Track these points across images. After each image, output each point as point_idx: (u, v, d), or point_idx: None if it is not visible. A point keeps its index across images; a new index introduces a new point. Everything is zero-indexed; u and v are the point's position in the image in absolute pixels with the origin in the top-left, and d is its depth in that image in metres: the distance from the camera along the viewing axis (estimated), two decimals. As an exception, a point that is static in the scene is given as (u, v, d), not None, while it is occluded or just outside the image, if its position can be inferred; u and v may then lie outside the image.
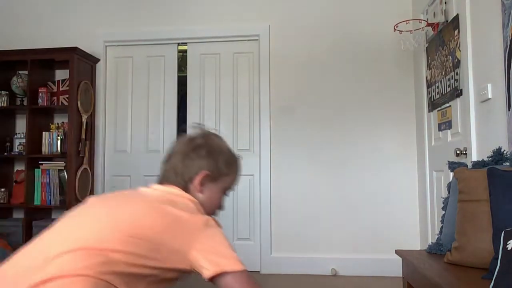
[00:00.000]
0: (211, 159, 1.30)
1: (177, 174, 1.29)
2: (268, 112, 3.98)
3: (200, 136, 1.35)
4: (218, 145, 1.35)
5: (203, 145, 1.32)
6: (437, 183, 3.24)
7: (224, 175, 1.32)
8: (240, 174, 1.41)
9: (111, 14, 4.24)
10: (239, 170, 1.40)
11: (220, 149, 1.35)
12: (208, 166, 1.29)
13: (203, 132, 1.38)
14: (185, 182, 1.28)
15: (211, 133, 1.39)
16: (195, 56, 4.20)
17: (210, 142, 1.34)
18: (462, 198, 1.78)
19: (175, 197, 1.21)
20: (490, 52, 2.36)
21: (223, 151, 1.35)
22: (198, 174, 1.27)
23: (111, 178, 4.18)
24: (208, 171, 1.28)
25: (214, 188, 1.31)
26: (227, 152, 1.36)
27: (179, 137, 1.42)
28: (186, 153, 1.30)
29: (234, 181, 1.38)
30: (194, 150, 1.30)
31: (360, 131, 3.88)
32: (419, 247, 3.64)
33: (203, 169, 1.28)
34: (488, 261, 1.51)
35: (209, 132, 1.39)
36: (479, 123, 2.50)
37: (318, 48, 3.97)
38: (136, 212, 1.12)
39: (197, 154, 1.29)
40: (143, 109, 4.22)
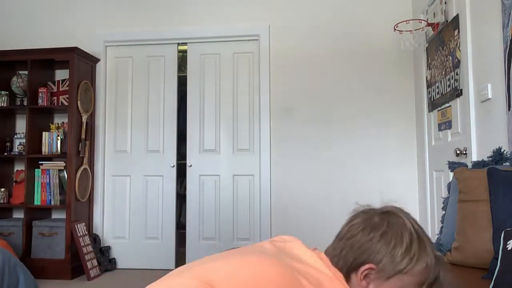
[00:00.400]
0: (386, 246, 0.94)
1: (341, 253, 0.98)
2: (268, 112, 3.98)
3: (380, 212, 1.04)
4: (402, 225, 0.98)
5: (380, 224, 0.98)
6: (437, 183, 3.24)
7: (400, 272, 0.93)
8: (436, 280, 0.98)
9: (111, 14, 4.24)
10: (431, 272, 0.96)
11: (403, 232, 0.96)
12: (379, 256, 0.93)
13: (386, 208, 1.06)
14: (347, 269, 0.96)
15: (396, 209, 1.06)
16: (195, 56, 4.20)
17: (391, 221, 1.00)
18: (462, 198, 1.78)
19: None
20: (490, 52, 2.36)
21: (406, 236, 0.96)
22: (365, 264, 0.94)
23: (111, 178, 4.19)
24: (377, 263, 0.93)
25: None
26: (413, 238, 0.96)
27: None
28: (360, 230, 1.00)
29: (420, 281, 0.95)
30: (370, 228, 0.98)
31: (360, 131, 3.88)
32: (419, 247, 3.63)
33: (371, 260, 0.93)
34: (488, 261, 1.51)
35: (395, 209, 1.05)
36: (479, 123, 2.50)
37: (318, 48, 3.97)
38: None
39: (370, 235, 0.96)
40: (143, 109, 4.22)
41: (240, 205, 4.02)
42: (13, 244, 3.66)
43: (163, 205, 4.11)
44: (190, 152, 4.13)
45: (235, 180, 4.04)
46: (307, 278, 0.86)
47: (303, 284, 0.84)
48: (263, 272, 0.85)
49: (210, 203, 4.05)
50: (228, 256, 0.92)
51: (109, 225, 4.14)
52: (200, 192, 4.08)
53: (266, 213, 3.90)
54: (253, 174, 4.00)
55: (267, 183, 3.93)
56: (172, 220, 4.10)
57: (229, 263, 0.88)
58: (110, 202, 4.16)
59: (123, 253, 4.08)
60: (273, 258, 0.90)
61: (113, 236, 4.12)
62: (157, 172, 4.15)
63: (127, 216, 4.14)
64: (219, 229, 4.02)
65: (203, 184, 4.08)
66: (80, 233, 3.74)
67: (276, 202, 3.91)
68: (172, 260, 4.04)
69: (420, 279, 0.95)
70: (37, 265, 3.55)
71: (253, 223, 3.98)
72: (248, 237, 3.97)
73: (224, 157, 4.07)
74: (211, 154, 4.09)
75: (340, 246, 0.98)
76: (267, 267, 0.86)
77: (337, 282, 0.90)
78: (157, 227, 4.10)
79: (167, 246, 4.07)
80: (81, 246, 3.69)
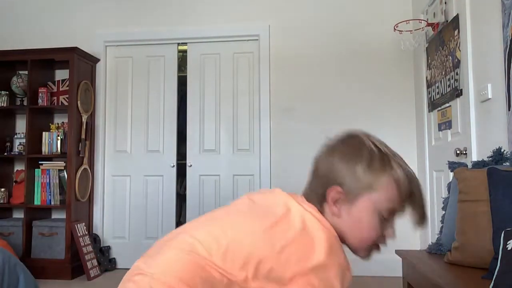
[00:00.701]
0: (346, 165, 0.93)
1: (311, 187, 0.99)
2: (268, 112, 3.98)
3: (340, 137, 1.02)
4: (360, 143, 0.96)
5: (338, 146, 0.99)
6: (437, 183, 3.24)
7: (366, 190, 0.91)
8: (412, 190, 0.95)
9: (111, 14, 4.24)
10: (401, 186, 0.93)
11: (361, 149, 0.94)
12: (342, 177, 0.93)
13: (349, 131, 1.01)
14: (319, 201, 0.95)
15: (357, 131, 1.02)
16: (195, 56, 4.20)
17: (349, 141, 0.99)
18: (462, 198, 1.78)
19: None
20: (490, 52, 2.36)
21: (365, 152, 0.94)
22: (330, 188, 0.93)
23: (111, 178, 4.19)
24: (342, 185, 0.92)
25: (356, 211, 0.94)
26: (373, 153, 0.93)
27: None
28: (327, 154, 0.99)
29: (390, 197, 0.93)
30: (330, 153, 0.99)
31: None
32: (419, 247, 3.63)
33: (335, 183, 0.92)
34: (488, 261, 1.51)
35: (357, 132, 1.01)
36: (479, 123, 2.50)
37: (318, 48, 3.97)
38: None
39: (330, 159, 0.97)
40: (143, 109, 4.22)
41: (240, 205, 4.01)
42: (13, 244, 3.66)
43: (163, 205, 4.11)
44: (190, 152, 4.13)
45: (235, 180, 4.04)
46: (283, 224, 0.88)
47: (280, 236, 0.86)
48: (241, 231, 0.88)
49: (210, 203, 4.05)
50: (211, 222, 0.94)
51: (109, 225, 4.14)
52: (200, 192, 4.08)
53: (266, 213, 3.89)
54: (253, 174, 4.01)
55: (267, 183, 3.92)
56: (172, 220, 4.10)
57: (213, 229, 0.90)
58: (110, 202, 4.16)
59: (123, 253, 4.08)
60: (248, 214, 0.93)
61: (113, 236, 4.12)
62: (157, 172, 4.15)
63: (127, 216, 4.14)
64: (219, 229, 4.01)
65: (203, 184, 4.08)
66: (80, 233, 3.74)
67: (276, 202, 3.90)
68: (172, 260, 4.04)
69: (390, 195, 0.93)
70: (37, 265, 3.55)
71: (253, 223, 3.97)
72: (248, 237, 3.97)
73: (224, 157, 4.07)
74: (211, 154, 4.09)
75: (309, 182, 1.00)
76: (243, 225, 0.90)
77: (309, 215, 0.90)
78: (157, 227, 4.10)
79: (167, 246, 4.06)
80: (81, 246, 3.69)
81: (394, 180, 0.92)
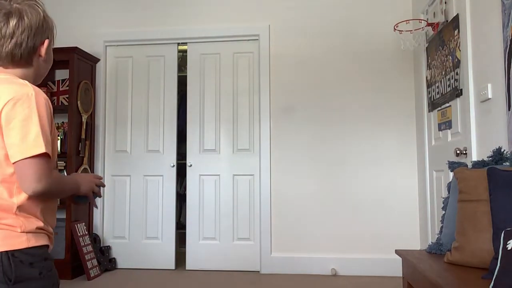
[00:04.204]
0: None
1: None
2: (268, 112, 3.98)
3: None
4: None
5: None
6: (437, 183, 3.24)
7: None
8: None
9: (111, 14, 4.24)
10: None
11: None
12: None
13: None
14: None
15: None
16: (195, 56, 4.20)
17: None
18: (462, 198, 1.78)
19: None
20: (490, 52, 2.36)
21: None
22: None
23: (111, 178, 4.19)
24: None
25: None
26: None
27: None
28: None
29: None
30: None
31: (360, 131, 3.88)
32: (419, 247, 3.64)
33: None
34: (488, 261, 1.51)
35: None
36: (479, 123, 2.50)
37: (318, 48, 3.97)
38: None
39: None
40: (143, 109, 4.22)
41: (240, 205, 4.02)
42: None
43: (163, 205, 4.11)
44: (190, 152, 4.13)
45: (235, 180, 4.04)
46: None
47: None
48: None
49: (210, 203, 4.05)
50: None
51: (109, 225, 4.14)
52: (200, 192, 4.08)
53: (266, 213, 3.90)
54: (253, 174, 4.01)
55: (267, 183, 3.93)
56: (172, 220, 4.10)
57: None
58: (110, 202, 4.16)
59: (123, 253, 4.08)
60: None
61: (113, 236, 4.12)
62: (157, 172, 4.15)
63: (127, 216, 4.14)
64: (219, 229, 4.02)
65: (203, 184, 4.08)
66: (80, 233, 3.74)
67: (276, 202, 3.91)
68: (172, 260, 4.04)
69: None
70: (37, 265, 3.54)
71: (253, 223, 3.98)
72: (248, 237, 3.97)
73: (224, 157, 4.07)
74: (211, 154, 4.09)
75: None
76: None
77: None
78: (157, 227, 4.10)
79: (167, 246, 4.07)
80: (81, 246, 3.69)
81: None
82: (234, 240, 3.99)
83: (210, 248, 4.01)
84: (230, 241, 4.00)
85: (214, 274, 3.85)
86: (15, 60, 1.18)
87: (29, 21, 1.17)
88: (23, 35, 1.17)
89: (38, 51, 1.21)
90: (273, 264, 3.85)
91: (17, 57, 1.18)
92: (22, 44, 1.17)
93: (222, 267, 3.95)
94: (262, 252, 3.89)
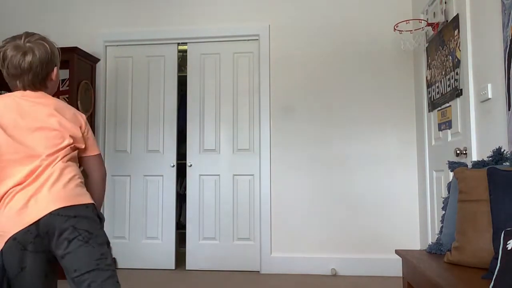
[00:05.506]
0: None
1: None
2: (268, 112, 3.98)
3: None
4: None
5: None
6: (437, 183, 3.24)
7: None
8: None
9: (111, 14, 4.24)
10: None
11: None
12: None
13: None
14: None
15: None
16: (195, 56, 4.20)
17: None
18: (462, 198, 1.78)
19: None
20: (490, 52, 2.36)
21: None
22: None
23: (111, 178, 4.18)
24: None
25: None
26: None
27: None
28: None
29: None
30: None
31: (360, 131, 3.88)
32: (419, 247, 3.64)
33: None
34: (488, 261, 1.51)
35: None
36: (479, 123, 2.50)
37: (318, 48, 3.97)
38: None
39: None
40: (143, 109, 4.22)
41: (240, 205, 4.02)
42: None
43: (163, 205, 4.12)
44: (190, 152, 4.13)
45: (235, 180, 4.04)
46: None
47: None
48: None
49: (210, 203, 4.05)
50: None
51: (109, 225, 4.13)
52: (200, 192, 4.08)
53: (266, 212, 3.90)
54: (253, 174, 4.01)
55: (267, 183, 3.93)
56: (172, 220, 4.10)
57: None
58: (110, 202, 4.16)
59: (123, 253, 4.08)
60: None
61: (113, 236, 4.12)
62: (157, 172, 4.15)
63: (127, 216, 4.14)
64: (219, 229, 4.02)
65: (203, 184, 4.09)
66: (80, 233, 3.73)
67: (276, 202, 3.91)
68: (172, 260, 4.04)
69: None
70: (37, 265, 3.54)
71: (253, 223, 3.98)
72: (248, 237, 3.97)
73: (224, 157, 4.07)
74: (211, 154, 4.09)
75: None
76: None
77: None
78: (157, 227, 4.10)
79: (167, 246, 4.07)
80: (81, 246, 3.68)
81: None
82: (234, 240, 3.99)
83: (210, 248, 4.01)
84: (230, 241, 4.00)
85: (214, 274, 3.85)
86: (36, 85, 1.57)
87: (40, 56, 1.55)
88: (38, 68, 1.55)
89: (50, 77, 1.61)
90: (273, 264, 3.85)
91: (37, 83, 1.57)
92: (39, 75, 1.56)
93: (222, 267, 3.95)
94: (262, 252, 3.89)
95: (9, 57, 1.53)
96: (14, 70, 1.54)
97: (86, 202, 1.50)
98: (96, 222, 1.50)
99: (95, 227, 1.48)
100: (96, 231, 1.48)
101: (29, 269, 1.43)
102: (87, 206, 1.50)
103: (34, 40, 1.57)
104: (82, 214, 1.46)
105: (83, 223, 1.45)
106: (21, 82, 1.56)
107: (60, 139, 1.53)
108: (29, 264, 1.43)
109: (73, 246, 1.43)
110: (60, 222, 1.42)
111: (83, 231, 1.44)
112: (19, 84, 1.57)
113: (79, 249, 1.43)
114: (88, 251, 1.44)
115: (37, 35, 1.60)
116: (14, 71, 1.54)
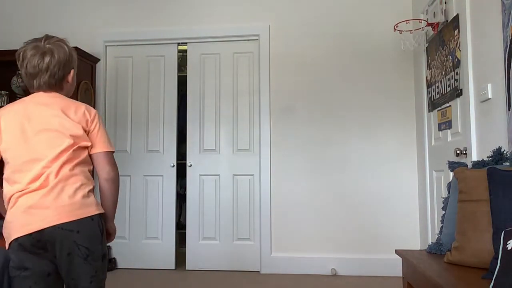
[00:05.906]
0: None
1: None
2: (268, 112, 3.98)
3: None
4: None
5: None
6: (437, 183, 3.24)
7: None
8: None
9: (111, 14, 4.24)
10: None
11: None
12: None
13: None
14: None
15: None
16: (195, 56, 4.20)
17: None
18: (462, 198, 1.78)
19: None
20: (490, 52, 2.36)
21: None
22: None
23: (111, 178, 4.18)
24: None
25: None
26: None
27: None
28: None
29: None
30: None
31: (359, 131, 3.88)
32: (419, 247, 3.64)
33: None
34: (488, 261, 1.51)
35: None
36: (479, 123, 2.50)
37: (318, 48, 3.97)
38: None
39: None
40: (143, 109, 4.22)
41: (240, 205, 4.02)
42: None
43: (163, 205, 4.11)
44: (190, 152, 4.13)
45: (235, 180, 4.04)
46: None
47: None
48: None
49: (210, 203, 4.05)
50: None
51: (109, 225, 4.13)
52: (200, 192, 4.08)
53: (266, 212, 3.90)
54: (253, 174, 4.01)
55: (267, 183, 3.93)
56: (172, 220, 4.10)
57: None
58: (110, 202, 4.15)
59: (123, 253, 4.08)
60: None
61: (113, 236, 4.11)
62: (157, 172, 4.15)
63: (127, 216, 4.14)
64: (219, 229, 4.02)
65: (203, 184, 4.08)
66: (80, 233, 3.73)
67: (276, 202, 3.91)
68: (172, 260, 4.04)
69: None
70: (37, 265, 3.54)
71: (253, 223, 3.98)
72: (248, 237, 3.97)
73: (224, 157, 4.07)
74: (211, 154, 4.09)
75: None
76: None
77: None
78: (157, 227, 4.10)
79: (167, 246, 4.07)
80: (81, 246, 3.68)
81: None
82: (234, 240, 3.99)
83: (210, 248, 4.01)
84: (230, 241, 4.00)
85: (214, 274, 3.85)
86: (52, 86, 1.59)
87: (59, 57, 1.58)
88: (55, 68, 1.57)
89: (66, 79, 1.62)
90: (273, 264, 3.85)
91: (52, 84, 1.59)
92: (55, 75, 1.58)
93: (222, 267, 3.95)
94: (262, 252, 3.89)
95: (28, 56, 1.56)
96: (32, 69, 1.56)
97: (91, 214, 1.52)
98: (97, 236, 1.54)
99: (95, 242, 1.53)
100: (95, 246, 1.53)
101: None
102: (93, 218, 1.53)
103: (54, 41, 1.60)
104: (86, 229, 1.50)
105: (84, 239, 1.49)
106: (37, 81, 1.57)
107: (60, 140, 1.53)
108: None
109: (71, 260, 1.49)
110: (62, 236, 1.47)
111: (83, 248, 1.49)
112: (35, 83, 1.58)
113: (77, 265, 1.49)
114: (85, 268, 1.51)
115: (57, 38, 1.63)
116: (32, 70, 1.56)
